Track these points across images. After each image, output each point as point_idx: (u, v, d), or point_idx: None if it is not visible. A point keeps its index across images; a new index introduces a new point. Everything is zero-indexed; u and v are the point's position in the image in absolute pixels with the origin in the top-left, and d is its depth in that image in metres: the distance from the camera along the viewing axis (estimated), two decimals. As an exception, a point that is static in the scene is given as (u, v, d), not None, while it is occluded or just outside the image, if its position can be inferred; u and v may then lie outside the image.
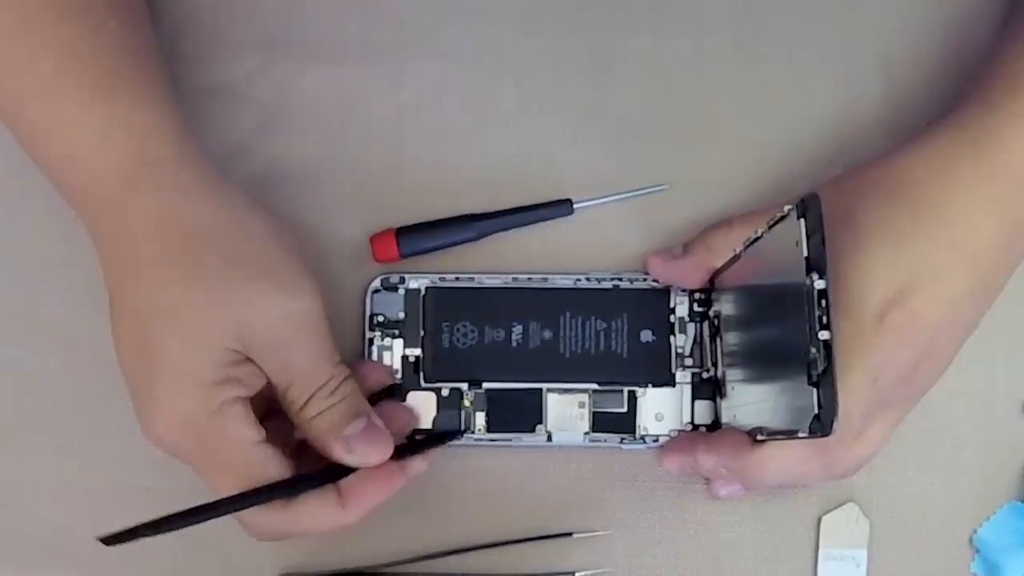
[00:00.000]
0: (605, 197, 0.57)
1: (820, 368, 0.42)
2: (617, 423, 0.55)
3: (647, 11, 0.59)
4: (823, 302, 0.42)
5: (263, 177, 0.58)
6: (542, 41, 0.59)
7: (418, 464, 0.52)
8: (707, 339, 0.56)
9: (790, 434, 0.44)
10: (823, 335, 0.42)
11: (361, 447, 0.49)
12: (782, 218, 0.45)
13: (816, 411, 0.41)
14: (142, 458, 0.56)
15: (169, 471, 0.56)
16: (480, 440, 0.55)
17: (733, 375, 0.53)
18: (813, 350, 0.42)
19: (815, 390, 0.42)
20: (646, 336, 0.56)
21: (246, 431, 0.48)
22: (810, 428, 0.42)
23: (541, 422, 0.55)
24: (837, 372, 0.42)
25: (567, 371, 0.55)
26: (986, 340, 0.54)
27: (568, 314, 0.56)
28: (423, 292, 0.56)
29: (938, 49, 0.59)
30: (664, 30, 0.59)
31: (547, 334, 0.56)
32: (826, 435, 0.41)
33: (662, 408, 0.55)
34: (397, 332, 0.56)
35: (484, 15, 0.59)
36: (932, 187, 0.50)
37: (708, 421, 0.56)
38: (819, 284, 0.42)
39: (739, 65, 0.59)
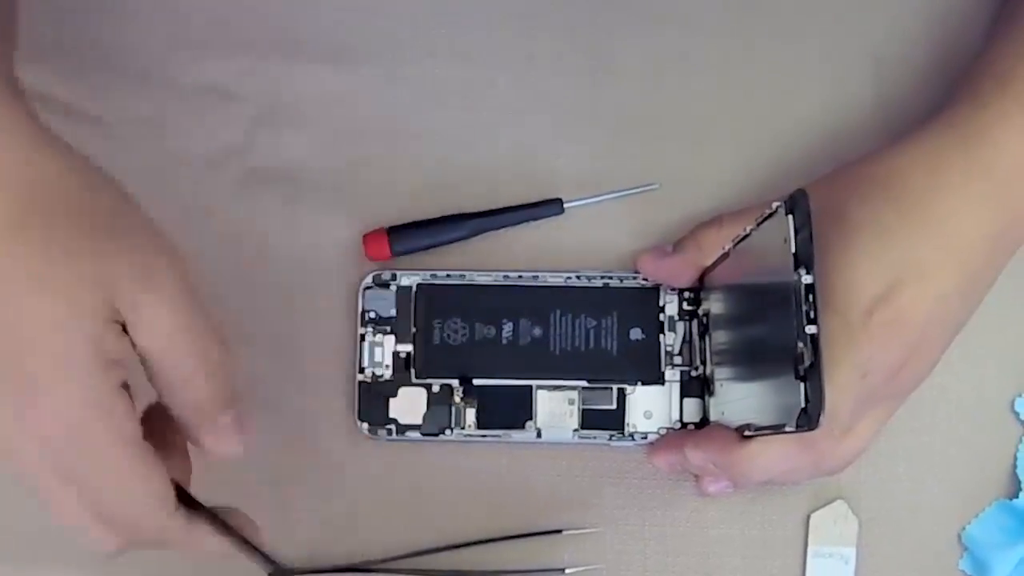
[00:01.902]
0: (596, 196, 0.58)
1: (807, 362, 0.42)
2: (606, 420, 0.56)
3: (639, 10, 0.59)
4: (810, 297, 0.42)
5: (255, 177, 0.58)
6: (533, 41, 0.59)
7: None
8: (696, 337, 0.56)
9: (777, 429, 0.44)
10: (810, 329, 0.42)
11: (227, 437, 0.46)
12: (770, 215, 0.45)
13: (803, 405, 0.42)
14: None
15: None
16: (470, 436, 0.56)
17: (721, 373, 0.54)
18: (800, 344, 0.42)
19: (802, 384, 0.42)
20: (636, 334, 0.56)
21: (131, 424, 0.43)
22: (797, 422, 0.42)
23: (531, 419, 0.56)
24: (824, 367, 0.43)
25: (557, 368, 0.56)
26: (976, 339, 0.54)
27: (558, 312, 0.56)
28: (415, 289, 0.56)
29: (928, 50, 0.59)
30: (655, 29, 0.59)
31: (537, 331, 0.56)
32: (813, 429, 0.42)
33: (651, 406, 0.56)
34: (389, 328, 0.56)
35: (477, 15, 0.59)
36: (921, 184, 0.50)
37: (697, 418, 0.56)
38: (807, 279, 0.42)
39: (730, 65, 0.59)
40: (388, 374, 0.56)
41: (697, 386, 0.56)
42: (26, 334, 0.41)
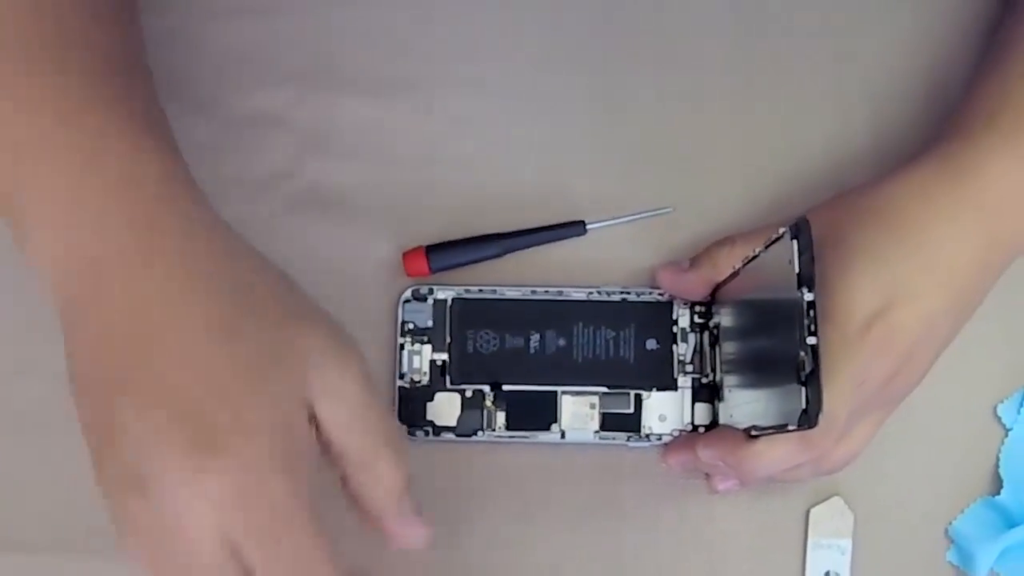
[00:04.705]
0: (615, 218, 0.60)
1: (808, 369, 0.44)
2: (624, 423, 0.58)
3: (656, 49, 0.61)
4: (811, 312, 0.45)
5: (303, 199, 0.60)
6: (560, 75, 0.61)
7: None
8: (707, 347, 0.58)
9: (780, 428, 0.47)
10: (811, 340, 0.45)
11: (412, 524, 0.47)
12: (777, 239, 0.47)
13: (804, 406, 0.44)
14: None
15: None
16: (500, 437, 0.58)
17: (730, 380, 0.56)
18: (802, 353, 0.45)
19: (803, 388, 0.44)
20: (651, 344, 0.58)
21: (314, 513, 0.42)
22: (799, 422, 0.45)
23: (556, 421, 0.58)
24: (824, 376, 0.45)
25: (579, 375, 0.58)
26: (962, 350, 0.55)
27: (581, 324, 0.58)
28: (450, 302, 0.58)
29: (920, 87, 0.61)
30: (671, 67, 0.61)
31: (562, 342, 0.58)
32: (812, 427, 0.44)
33: (665, 410, 0.58)
34: (426, 339, 0.58)
35: (507, 53, 0.62)
36: (916, 213, 0.52)
37: (707, 421, 0.58)
38: (808, 296, 0.45)
39: (738, 99, 0.61)
40: (425, 380, 0.58)
41: (708, 392, 0.58)
42: (227, 405, 0.42)
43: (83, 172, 0.45)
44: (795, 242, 0.46)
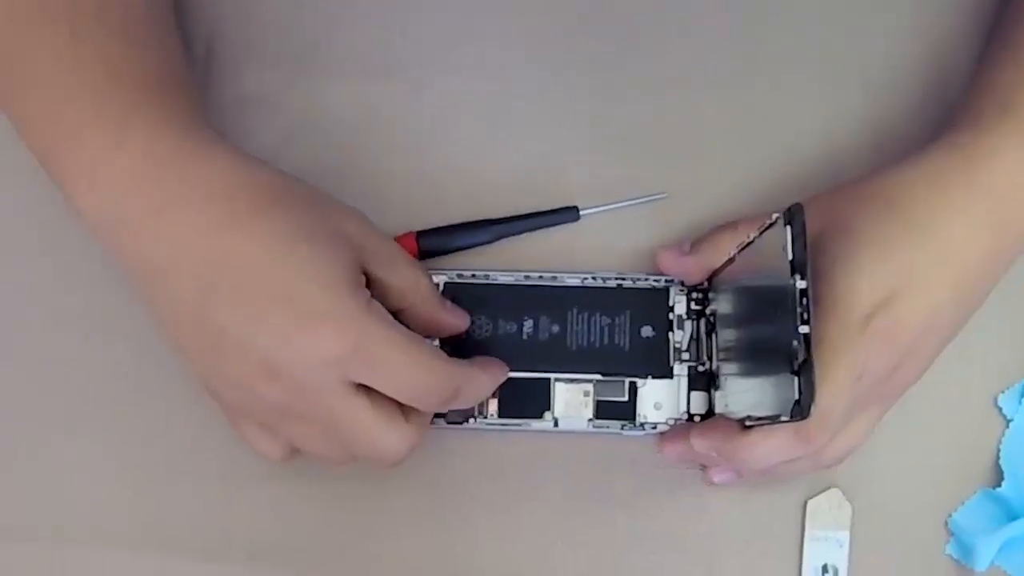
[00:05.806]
0: (609, 204, 0.60)
1: (801, 358, 0.44)
2: (619, 411, 0.58)
3: (651, 35, 0.61)
4: (804, 300, 0.44)
5: None
6: (554, 60, 0.61)
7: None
8: (703, 335, 0.58)
9: (774, 419, 0.46)
10: (803, 329, 0.44)
11: (456, 314, 0.56)
12: (771, 225, 0.47)
13: (797, 397, 0.44)
14: (192, 441, 0.59)
15: (211, 453, 0.59)
16: (492, 425, 0.57)
17: (726, 368, 0.55)
18: (795, 343, 0.44)
19: (796, 378, 0.44)
20: (646, 331, 0.58)
21: (398, 327, 0.50)
22: (791, 412, 0.44)
23: (549, 409, 0.58)
24: (823, 368, 0.45)
25: (573, 362, 0.58)
26: (963, 341, 0.55)
27: (575, 310, 0.58)
28: (442, 288, 0.58)
29: (915, 73, 0.61)
30: (665, 52, 0.61)
31: (555, 328, 0.58)
32: (804, 418, 0.44)
33: (660, 398, 0.58)
34: None
35: (499, 36, 0.62)
36: (924, 202, 0.52)
37: (703, 410, 0.57)
38: (801, 284, 0.44)
39: (733, 85, 0.61)
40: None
41: (703, 380, 0.58)
42: (297, 281, 0.48)
43: (107, 150, 0.51)
44: (788, 228, 0.45)
